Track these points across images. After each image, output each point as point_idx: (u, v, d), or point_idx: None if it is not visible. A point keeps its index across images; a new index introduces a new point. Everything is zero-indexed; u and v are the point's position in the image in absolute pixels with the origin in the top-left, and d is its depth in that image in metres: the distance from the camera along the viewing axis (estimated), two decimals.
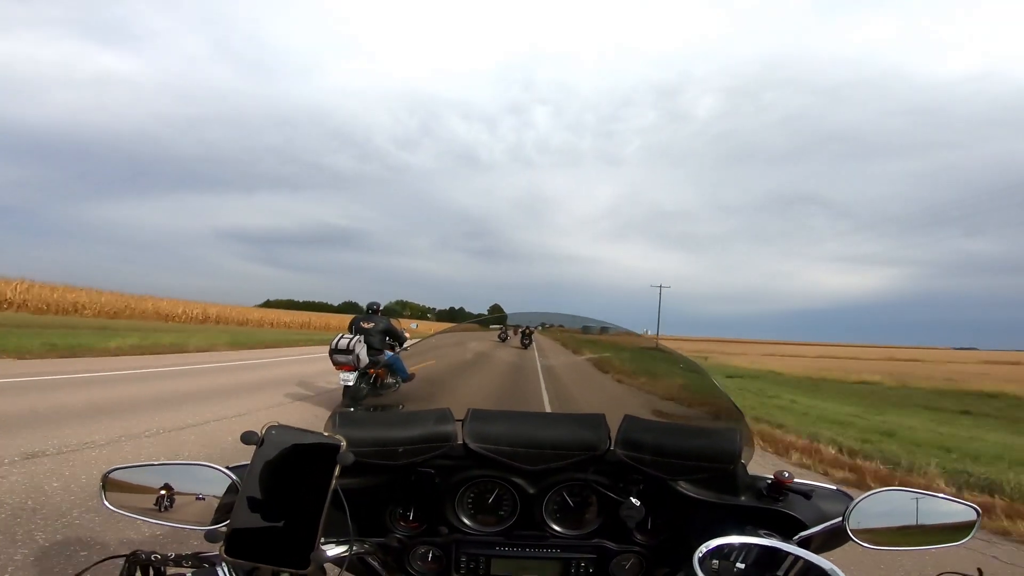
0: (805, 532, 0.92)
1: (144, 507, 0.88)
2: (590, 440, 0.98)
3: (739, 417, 1.11)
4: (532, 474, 1.00)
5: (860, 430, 8.30)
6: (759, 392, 13.87)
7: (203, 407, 6.43)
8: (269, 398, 7.61)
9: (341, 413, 1.01)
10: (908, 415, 11.38)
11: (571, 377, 2.28)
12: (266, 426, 0.73)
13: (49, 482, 3.50)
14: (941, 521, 0.92)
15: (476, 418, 1.01)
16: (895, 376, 22.11)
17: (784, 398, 12.71)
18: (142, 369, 9.64)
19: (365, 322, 6.56)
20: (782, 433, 7.42)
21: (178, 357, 12.39)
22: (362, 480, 0.96)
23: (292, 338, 25.34)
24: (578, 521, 1.02)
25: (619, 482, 0.99)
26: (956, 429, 9.43)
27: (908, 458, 5.99)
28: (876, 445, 6.87)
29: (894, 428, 8.73)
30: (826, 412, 10.64)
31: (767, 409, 10.14)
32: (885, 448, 6.66)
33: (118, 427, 5.09)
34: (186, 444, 4.75)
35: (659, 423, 1.04)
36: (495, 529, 1.01)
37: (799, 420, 8.96)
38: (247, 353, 15.60)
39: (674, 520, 1.00)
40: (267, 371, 11.31)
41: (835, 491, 1.05)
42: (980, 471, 5.60)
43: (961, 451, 6.95)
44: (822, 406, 11.87)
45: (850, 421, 9.40)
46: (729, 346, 69.46)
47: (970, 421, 11.25)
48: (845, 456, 6.14)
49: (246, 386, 8.75)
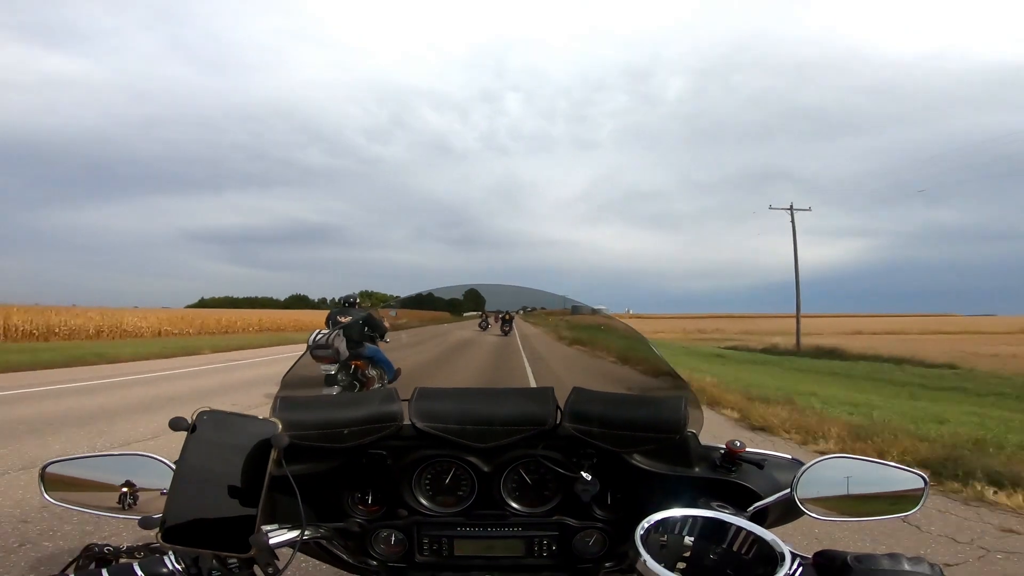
0: (759, 503, 0.92)
1: (86, 500, 0.86)
2: (538, 414, 0.98)
3: (684, 386, 1.11)
4: (485, 452, 0.99)
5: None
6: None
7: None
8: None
9: (283, 397, 0.99)
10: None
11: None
12: (197, 411, 0.71)
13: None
14: (889, 489, 0.92)
15: (422, 396, 1.00)
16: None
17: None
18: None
19: (342, 316, 6.49)
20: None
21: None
22: (314, 465, 0.94)
23: (193, 345, 18.22)
24: (537, 499, 1.02)
25: (572, 457, 0.99)
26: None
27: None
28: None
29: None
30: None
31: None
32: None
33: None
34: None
35: (606, 394, 1.04)
36: (455, 510, 1.01)
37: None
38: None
39: (630, 494, 1.00)
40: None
41: (790, 460, 1.06)
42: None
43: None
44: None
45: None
46: (691, 322, 70.83)
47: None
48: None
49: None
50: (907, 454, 4.54)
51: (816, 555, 0.72)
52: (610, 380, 1.33)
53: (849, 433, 5.38)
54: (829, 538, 2.93)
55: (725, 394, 7.96)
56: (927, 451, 4.59)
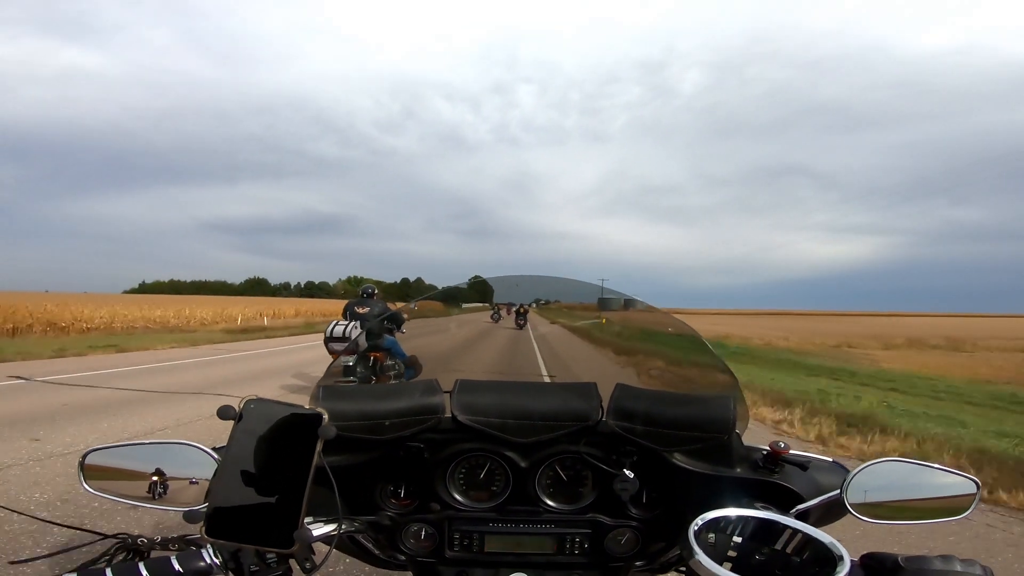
0: (802, 505, 0.90)
1: (125, 490, 0.86)
2: (581, 410, 0.96)
3: (734, 384, 1.08)
4: (523, 447, 0.97)
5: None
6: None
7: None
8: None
9: (324, 386, 0.98)
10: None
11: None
12: (244, 399, 0.70)
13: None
14: (939, 494, 0.90)
15: (464, 389, 0.98)
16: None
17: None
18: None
19: (359, 307, 6.37)
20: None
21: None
22: (350, 457, 0.93)
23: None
24: (572, 495, 1.01)
25: (612, 454, 0.97)
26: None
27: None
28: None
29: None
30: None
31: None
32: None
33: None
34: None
35: (651, 391, 1.01)
36: (488, 505, 0.99)
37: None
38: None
39: (669, 493, 0.98)
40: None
41: (832, 463, 1.04)
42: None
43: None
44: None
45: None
46: (712, 318, 69.62)
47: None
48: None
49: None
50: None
51: (863, 557, 0.71)
52: (653, 375, 1.30)
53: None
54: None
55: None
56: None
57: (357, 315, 6.30)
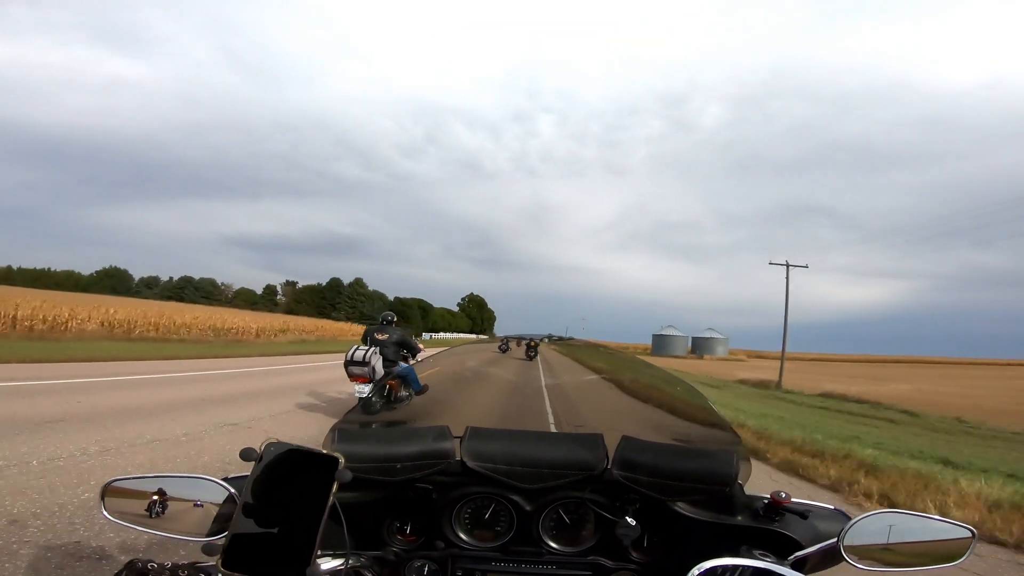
0: (800, 552, 0.92)
1: (143, 517, 0.89)
2: (587, 460, 0.99)
3: (736, 439, 1.12)
4: (529, 491, 1.00)
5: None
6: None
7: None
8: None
9: (341, 429, 1.02)
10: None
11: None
12: (265, 442, 0.74)
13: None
14: (936, 538, 0.92)
15: (474, 436, 1.02)
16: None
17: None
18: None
19: (379, 333, 6.46)
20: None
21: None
22: (360, 494, 0.96)
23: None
24: (574, 538, 1.03)
25: (616, 501, 0.99)
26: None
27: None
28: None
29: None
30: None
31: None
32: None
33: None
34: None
35: (656, 444, 1.05)
36: (491, 545, 1.01)
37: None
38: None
39: (670, 539, 1.01)
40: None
41: (832, 511, 1.06)
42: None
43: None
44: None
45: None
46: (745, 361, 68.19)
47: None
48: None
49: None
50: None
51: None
52: (657, 428, 1.33)
53: None
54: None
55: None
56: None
57: (377, 341, 6.36)
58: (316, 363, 15.62)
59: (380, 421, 2.54)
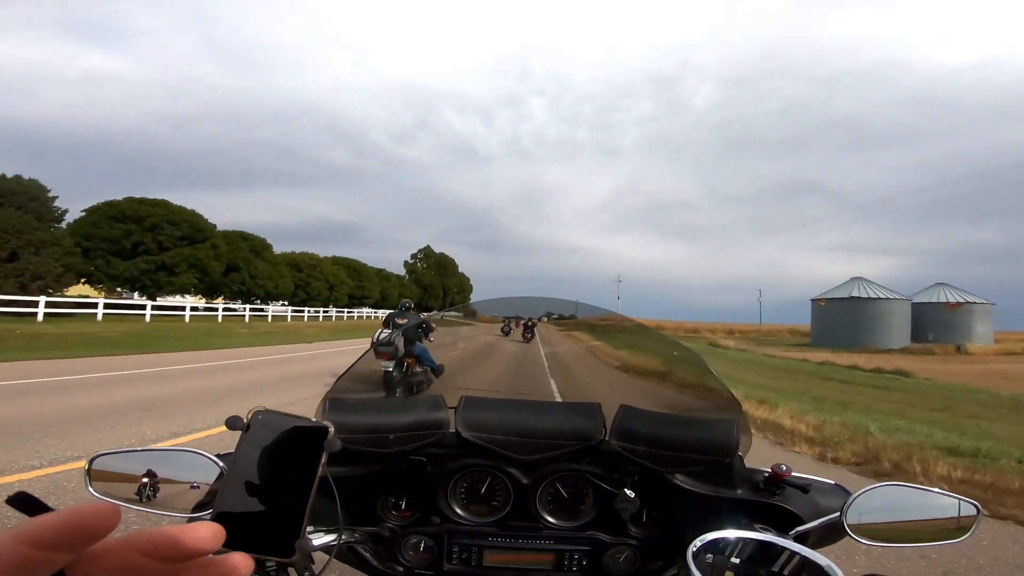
0: (802, 527, 0.90)
1: (130, 494, 0.87)
2: (585, 430, 0.97)
3: (736, 408, 1.09)
4: (526, 464, 0.98)
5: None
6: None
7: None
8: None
9: (332, 399, 0.99)
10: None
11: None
12: (252, 411, 0.71)
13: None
14: (940, 516, 0.90)
15: (469, 405, 1.00)
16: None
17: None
18: None
19: (399, 318, 7.40)
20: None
21: None
22: (354, 468, 0.94)
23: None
24: (572, 512, 1.01)
25: (614, 473, 0.97)
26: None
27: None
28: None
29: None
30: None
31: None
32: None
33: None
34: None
35: (655, 413, 1.02)
36: (488, 520, 1.00)
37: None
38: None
39: (669, 513, 0.99)
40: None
41: (833, 486, 1.04)
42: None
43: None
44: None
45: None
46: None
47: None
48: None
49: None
50: None
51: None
52: (656, 397, 1.31)
53: None
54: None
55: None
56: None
57: (397, 325, 7.25)
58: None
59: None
